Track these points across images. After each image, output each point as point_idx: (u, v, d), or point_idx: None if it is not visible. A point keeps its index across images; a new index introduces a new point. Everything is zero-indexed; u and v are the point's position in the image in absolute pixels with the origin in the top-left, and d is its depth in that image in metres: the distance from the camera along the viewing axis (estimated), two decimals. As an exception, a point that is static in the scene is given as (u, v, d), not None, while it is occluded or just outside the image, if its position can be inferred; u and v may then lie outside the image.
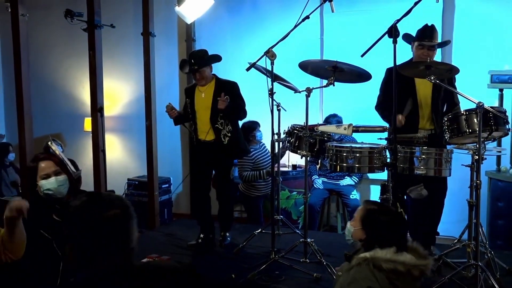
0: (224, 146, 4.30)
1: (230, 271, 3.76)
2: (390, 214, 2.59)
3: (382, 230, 2.48)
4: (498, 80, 4.95)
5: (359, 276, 2.37)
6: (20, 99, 4.49)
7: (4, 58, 7.60)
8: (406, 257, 2.37)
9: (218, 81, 4.41)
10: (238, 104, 4.37)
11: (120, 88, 7.03)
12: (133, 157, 7.13)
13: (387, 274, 2.33)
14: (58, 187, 2.78)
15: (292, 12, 6.20)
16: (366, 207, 2.60)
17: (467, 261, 3.53)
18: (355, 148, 3.54)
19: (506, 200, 4.88)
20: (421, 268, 2.38)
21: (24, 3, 4.44)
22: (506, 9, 5.33)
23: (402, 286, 2.36)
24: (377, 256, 2.37)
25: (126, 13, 6.67)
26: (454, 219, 5.45)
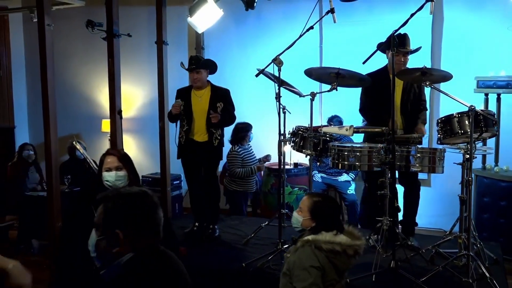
0: (214, 147, 4.41)
1: (241, 260, 3.76)
2: (332, 203, 2.73)
3: (328, 217, 2.61)
4: (484, 86, 4.97)
5: (302, 256, 2.50)
6: (46, 102, 4.47)
7: (28, 63, 7.60)
8: (342, 238, 2.51)
9: (213, 87, 4.49)
10: (229, 111, 4.45)
11: (135, 92, 7.02)
12: (147, 156, 7.12)
13: (326, 254, 2.47)
14: (116, 181, 2.82)
15: (293, 23, 6.23)
16: (313, 199, 2.69)
17: (458, 251, 3.54)
18: (356, 148, 3.54)
19: (491, 195, 4.89)
20: (355, 247, 2.51)
21: (49, 14, 4.41)
22: (490, 21, 5.35)
23: (339, 263, 2.50)
24: (317, 238, 2.51)
25: (140, 24, 6.67)
26: (441, 212, 5.48)
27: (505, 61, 5.15)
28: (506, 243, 4.47)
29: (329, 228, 2.54)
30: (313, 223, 2.60)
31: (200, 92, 4.41)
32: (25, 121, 7.62)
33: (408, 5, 5.66)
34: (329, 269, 2.46)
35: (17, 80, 7.46)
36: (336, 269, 2.49)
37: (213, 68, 4.50)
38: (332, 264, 2.47)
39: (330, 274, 2.47)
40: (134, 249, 1.65)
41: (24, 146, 6.10)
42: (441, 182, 5.70)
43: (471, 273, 3.25)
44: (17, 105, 7.47)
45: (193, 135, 4.42)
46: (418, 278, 3.28)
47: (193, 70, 4.35)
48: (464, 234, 3.48)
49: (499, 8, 5.28)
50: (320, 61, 6.12)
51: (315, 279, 2.40)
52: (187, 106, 4.41)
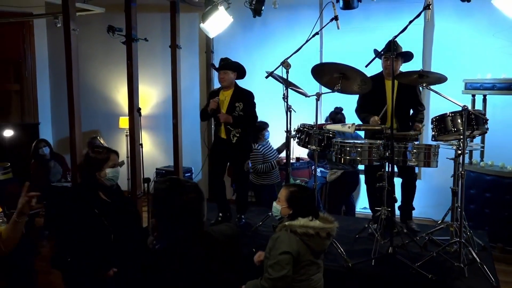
0: (233, 144, 4.33)
1: (251, 246, 3.75)
2: (306, 191, 2.75)
3: (302, 205, 2.64)
4: (471, 87, 4.97)
5: (279, 240, 2.55)
6: (71, 100, 4.44)
7: (51, 65, 7.58)
8: (316, 223, 2.56)
9: (237, 89, 4.42)
10: (249, 112, 4.36)
11: (150, 92, 7.01)
12: (160, 150, 7.12)
13: (300, 237, 2.52)
14: (118, 176, 2.85)
15: (296, 29, 6.23)
16: (289, 189, 2.72)
17: (450, 238, 3.55)
18: (357, 143, 3.54)
19: (477, 188, 4.90)
20: (327, 230, 2.56)
21: (75, 20, 4.39)
22: (478, 28, 5.36)
23: (313, 245, 2.55)
24: (293, 223, 2.55)
25: (155, 29, 6.65)
26: (431, 203, 5.49)
27: (491, 65, 5.15)
28: (491, 231, 4.48)
29: (305, 214, 2.59)
30: (290, 210, 2.64)
31: (226, 93, 4.35)
32: (48, 117, 7.61)
33: (402, 13, 5.69)
34: (304, 250, 2.52)
35: (41, 80, 7.45)
36: (312, 250, 2.55)
37: (241, 72, 4.43)
38: (307, 245, 2.52)
39: (305, 255, 2.53)
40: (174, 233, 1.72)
41: (38, 143, 5.95)
42: (431, 176, 5.71)
43: (463, 258, 3.25)
44: (41, 103, 7.46)
45: (220, 132, 4.39)
46: (414, 262, 3.29)
47: (220, 70, 4.33)
48: (455, 223, 3.48)
49: (486, 17, 5.27)
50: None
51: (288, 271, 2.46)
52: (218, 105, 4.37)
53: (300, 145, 3.96)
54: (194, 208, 1.73)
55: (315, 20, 6.17)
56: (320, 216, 2.67)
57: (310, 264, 2.56)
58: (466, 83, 4.99)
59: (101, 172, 2.76)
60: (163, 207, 1.71)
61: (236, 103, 4.31)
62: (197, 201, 1.74)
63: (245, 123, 4.39)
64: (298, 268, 2.52)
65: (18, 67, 7.27)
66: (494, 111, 5.05)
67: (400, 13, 5.70)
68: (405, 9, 5.71)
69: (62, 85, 7.44)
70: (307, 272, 2.55)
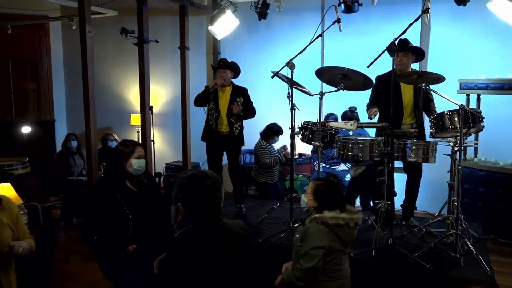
0: (235, 136, 4.44)
1: (257, 236, 3.76)
2: (333, 186, 2.72)
3: (327, 198, 2.63)
4: (466, 87, 4.95)
5: (310, 231, 2.54)
6: (87, 98, 4.45)
7: (66, 65, 7.59)
8: (344, 215, 2.56)
9: (234, 86, 4.54)
10: (249, 106, 4.51)
11: (159, 91, 7.01)
12: (169, 146, 7.12)
13: (331, 228, 2.51)
14: (144, 167, 2.96)
15: (299, 32, 6.21)
16: (315, 182, 2.72)
17: (446, 230, 3.55)
18: (359, 140, 3.54)
19: (470, 182, 4.89)
20: (354, 220, 2.56)
21: (90, 22, 4.39)
22: (472, 31, 5.34)
23: (344, 235, 2.55)
24: (323, 215, 2.54)
25: (164, 31, 6.64)
26: (426, 197, 5.48)
27: (485, 66, 5.13)
28: (484, 224, 4.48)
29: (330, 207, 2.58)
30: (315, 203, 2.64)
31: (224, 89, 4.46)
32: (63, 115, 7.62)
33: (400, 17, 5.68)
34: (335, 242, 2.52)
35: (56, 80, 7.46)
36: (342, 240, 2.55)
37: (237, 71, 4.54)
38: (337, 236, 2.52)
39: (337, 246, 2.53)
40: (197, 220, 1.74)
41: (68, 136, 6.08)
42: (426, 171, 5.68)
43: (459, 249, 3.25)
44: (56, 101, 7.48)
45: (218, 126, 4.44)
46: (412, 253, 3.28)
47: (220, 68, 4.45)
48: (452, 215, 3.47)
49: (480, 20, 5.26)
50: (322, 65, 6.08)
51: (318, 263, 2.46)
52: (215, 99, 4.44)
53: (304, 141, 3.96)
54: (214, 194, 1.76)
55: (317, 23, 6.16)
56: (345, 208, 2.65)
57: (341, 254, 2.57)
58: (461, 83, 4.97)
59: (127, 163, 2.88)
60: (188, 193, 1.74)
61: (237, 98, 4.44)
62: (216, 188, 1.76)
63: (249, 115, 4.53)
64: (331, 259, 2.52)
65: (35, 67, 7.30)
66: (488, 110, 5.00)
67: (398, 17, 5.69)
68: (403, 13, 5.70)
69: (76, 84, 7.47)
70: (339, 262, 2.55)
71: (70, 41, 7.34)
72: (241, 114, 4.38)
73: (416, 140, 3.52)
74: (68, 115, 7.66)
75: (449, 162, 3.55)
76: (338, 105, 5.55)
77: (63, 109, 7.63)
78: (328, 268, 2.51)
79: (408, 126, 3.96)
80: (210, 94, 4.44)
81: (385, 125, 3.44)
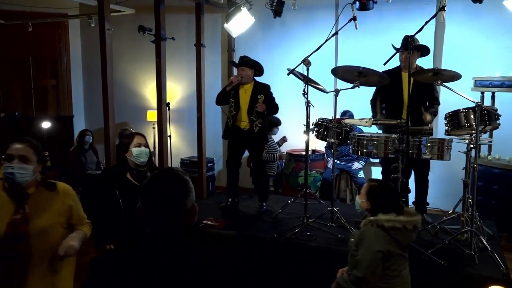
0: (255, 133, 4.38)
1: (272, 231, 3.76)
2: (387, 188, 2.60)
3: (382, 200, 2.51)
4: (481, 85, 4.88)
5: (366, 235, 2.43)
6: (106, 94, 4.48)
7: (84, 62, 7.65)
8: (401, 217, 2.44)
9: (256, 83, 4.48)
10: (271, 102, 4.43)
11: (175, 87, 7.02)
12: (184, 142, 7.14)
13: (388, 231, 2.39)
14: (145, 155, 2.90)
15: (312, 29, 6.17)
16: (370, 184, 2.62)
17: (460, 227, 3.51)
18: (374, 137, 3.51)
19: (484, 180, 4.82)
20: (413, 223, 2.44)
21: (109, 20, 4.41)
22: (487, 28, 5.24)
23: (401, 238, 2.43)
24: (379, 218, 2.43)
25: (179, 29, 6.64)
26: (438, 195, 5.42)
27: (500, 64, 5.05)
28: (497, 221, 4.42)
29: (385, 210, 2.45)
30: (369, 205, 2.53)
31: (246, 87, 4.41)
32: (81, 110, 7.69)
33: (414, 15, 5.61)
34: (392, 245, 2.40)
35: (75, 76, 7.53)
36: (399, 244, 2.42)
37: (257, 69, 4.47)
38: (394, 239, 2.40)
39: (395, 250, 2.40)
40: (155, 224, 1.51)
41: (84, 132, 6.11)
42: (439, 168, 5.63)
43: (474, 246, 3.21)
44: (75, 97, 7.55)
45: (238, 122, 4.41)
46: (427, 249, 3.26)
47: (238, 66, 4.43)
48: (466, 212, 3.44)
49: (494, 17, 5.16)
50: (335, 63, 6.05)
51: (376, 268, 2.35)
52: (236, 96, 4.40)
53: (319, 138, 3.94)
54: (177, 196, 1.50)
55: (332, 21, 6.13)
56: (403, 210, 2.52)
57: (400, 258, 2.45)
58: (476, 80, 4.90)
59: (128, 153, 2.88)
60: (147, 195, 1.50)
61: (258, 96, 4.37)
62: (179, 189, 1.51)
63: (272, 112, 4.50)
64: (390, 264, 2.40)
65: (54, 64, 7.37)
66: (502, 108, 4.87)
67: (412, 14, 5.62)
68: (417, 10, 5.62)
69: (94, 80, 7.54)
70: (398, 268, 2.42)
71: (88, 38, 7.40)
72: (265, 112, 4.31)
73: (431, 137, 3.48)
74: (86, 110, 7.73)
75: (461, 159, 3.51)
76: (353, 102, 5.51)
77: (81, 104, 7.70)
78: (387, 274, 2.40)
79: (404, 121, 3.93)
80: (229, 92, 4.41)
81: (400, 122, 3.40)
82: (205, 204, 4.84)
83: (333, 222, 3.85)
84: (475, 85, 4.91)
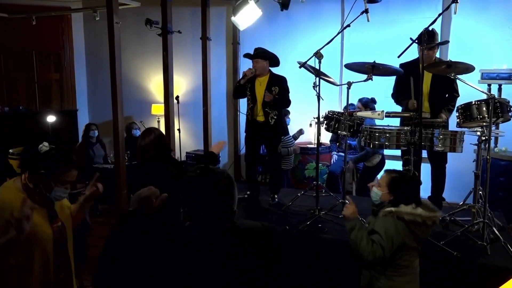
0: (271, 126, 4.32)
1: (283, 224, 3.77)
2: (410, 179, 2.58)
3: (405, 191, 2.47)
4: (488, 77, 4.90)
5: (384, 225, 2.40)
6: (114, 88, 4.47)
7: (87, 56, 7.60)
8: (421, 211, 2.40)
9: (272, 75, 4.41)
10: (283, 96, 4.35)
11: (179, 81, 7.00)
12: (189, 135, 7.14)
13: (407, 224, 2.37)
14: None
15: (318, 22, 6.16)
16: (391, 175, 2.55)
17: (471, 219, 3.53)
18: (386, 129, 3.51)
19: (491, 172, 4.77)
20: (433, 219, 2.41)
21: (117, 14, 4.39)
22: (493, 21, 5.25)
23: (419, 233, 2.40)
24: (400, 210, 2.40)
25: (184, 22, 6.59)
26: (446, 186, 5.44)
27: (507, 56, 5.06)
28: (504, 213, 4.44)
29: (407, 201, 2.42)
30: (391, 196, 2.47)
31: (261, 79, 4.35)
32: (85, 104, 7.66)
33: (420, 7, 5.60)
34: (409, 238, 2.38)
35: (78, 70, 7.49)
36: (416, 237, 2.41)
37: (273, 60, 4.40)
38: (412, 233, 2.38)
39: (411, 242, 2.39)
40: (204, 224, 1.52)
41: (89, 126, 6.10)
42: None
43: (485, 237, 3.23)
44: (78, 91, 7.52)
45: (255, 115, 4.36)
46: (439, 241, 3.27)
47: (252, 58, 4.35)
48: (477, 204, 3.46)
49: (501, 10, 5.17)
50: (341, 55, 6.04)
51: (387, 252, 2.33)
52: (252, 89, 4.36)
53: (330, 130, 3.94)
54: (226, 195, 1.52)
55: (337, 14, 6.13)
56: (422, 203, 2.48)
57: (413, 250, 2.43)
58: (483, 73, 4.92)
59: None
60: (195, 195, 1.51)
61: (272, 87, 4.31)
62: (229, 188, 1.53)
63: (281, 105, 4.42)
64: (402, 254, 2.38)
65: (58, 58, 7.33)
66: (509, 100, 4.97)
67: (419, 6, 5.61)
68: (423, 2, 5.61)
69: (97, 74, 7.51)
70: (409, 259, 2.41)
71: (91, 32, 7.35)
72: (271, 103, 4.23)
73: (443, 129, 3.49)
74: (90, 104, 7.70)
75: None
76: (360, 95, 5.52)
77: (85, 98, 7.67)
78: (399, 264, 2.39)
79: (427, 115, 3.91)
80: (244, 85, 4.38)
81: (413, 115, 3.41)
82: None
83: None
84: (482, 77, 4.93)
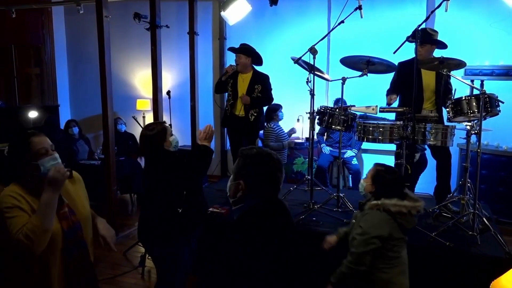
0: (250, 122, 4.44)
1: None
2: (393, 173, 2.63)
3: (386, 184, 2.55)
4: (471, 73, 5.03)
5: (369, 219, 2.47)
6: (104, 83, 4.40)
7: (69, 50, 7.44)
8: (406, 202, 2.49)
9: (255, 73, 4.48)
10: (265, 94, 4.43)
11: (165, 76, 6.90)
12: (176, 130, 7.01)
13: (393, 215, 2.45)
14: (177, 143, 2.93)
15: (304, 18, 6.19)
16: (376, 168, 2.63)
17: (460, 210, 3.64)
18: (380, 124, 3.57)
19: (472, 165, 4.98)
20: (417, 208, 2.50)
21: (107, 7, 4.30)
22: (476, 18, 5.40)
23: (405, 223, 2.49)
24: (385, 202, 2.47)
25: (170, 16, 6.52)
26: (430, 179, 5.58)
27: (488, 53, 5.21)
28: (504, 208, 4.59)
29: (388, 195, 2.48)
30: (373, 188, 2.56)
31: (244, 76, 4.44)
32: (67, 100, 7.50)
33: (404, 4, 5.71)
34: (395, 229, 2.45)
35: (59, 65, 7.31)
36: (402, 228, 2.48)
37: (254, 56, 4.45)
38: (398, 224, 2.45)
39: (398, 234, 2.46)
40: (256, 197, 1.72)
41: (68, 123, 5.94)
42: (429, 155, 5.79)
43: (475, 228, 3.34)
44: (60, 86, 7.34)
45: (235, 110, 4.45)
46: (431, 232, 3.37)
47: (235, 53, 4.45)
48: (466, 196, 3.57)
49: (483, 8, 5.32)
50: (328, 51, 6.09)
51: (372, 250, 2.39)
52: (234, 85, 4.40)
53: (323, 125, 3.98)
54: (276, 175, 1.74)
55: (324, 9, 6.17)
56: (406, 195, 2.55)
57: (401, 241, 2.49)
58: (466, 69, 5.04)
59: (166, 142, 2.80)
60: (252, 171, 1.72)
61: (255, 86, 4.39)
62: (279, 168, 1.76)
63: (262, 104, 4.51)
64: (391, 246, 2.44)
65: (38, 52, 7.13)
66: (491, 96, 5.13)
67: (403, 3, 5.72)
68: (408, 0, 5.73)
69: (79, 69, 7.35)
70: (397, 250, 2.48)
71: (73, 25, 7.19)
72: (248, 104, 4.31)
73: (435, 124, 3.58)
74: (72, 100, 7.53)
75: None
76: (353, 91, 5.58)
77: (66, 94, 7.50)
78: (388, 255, 2.44)
79: (428, 111, 4.03)
80: (225, 81, 4.41)
81: (406, 110, 3.48)
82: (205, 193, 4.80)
83: (339, 207, 3.91)
84: (465, 73, 5.06)
